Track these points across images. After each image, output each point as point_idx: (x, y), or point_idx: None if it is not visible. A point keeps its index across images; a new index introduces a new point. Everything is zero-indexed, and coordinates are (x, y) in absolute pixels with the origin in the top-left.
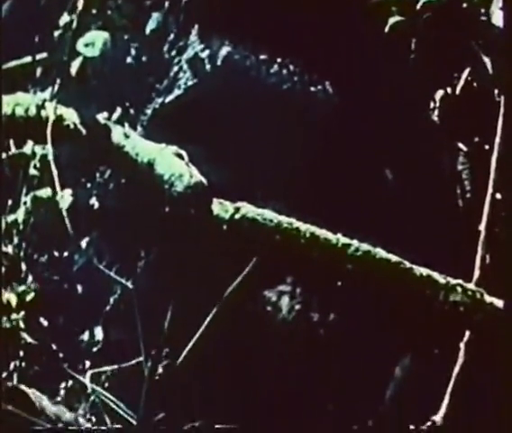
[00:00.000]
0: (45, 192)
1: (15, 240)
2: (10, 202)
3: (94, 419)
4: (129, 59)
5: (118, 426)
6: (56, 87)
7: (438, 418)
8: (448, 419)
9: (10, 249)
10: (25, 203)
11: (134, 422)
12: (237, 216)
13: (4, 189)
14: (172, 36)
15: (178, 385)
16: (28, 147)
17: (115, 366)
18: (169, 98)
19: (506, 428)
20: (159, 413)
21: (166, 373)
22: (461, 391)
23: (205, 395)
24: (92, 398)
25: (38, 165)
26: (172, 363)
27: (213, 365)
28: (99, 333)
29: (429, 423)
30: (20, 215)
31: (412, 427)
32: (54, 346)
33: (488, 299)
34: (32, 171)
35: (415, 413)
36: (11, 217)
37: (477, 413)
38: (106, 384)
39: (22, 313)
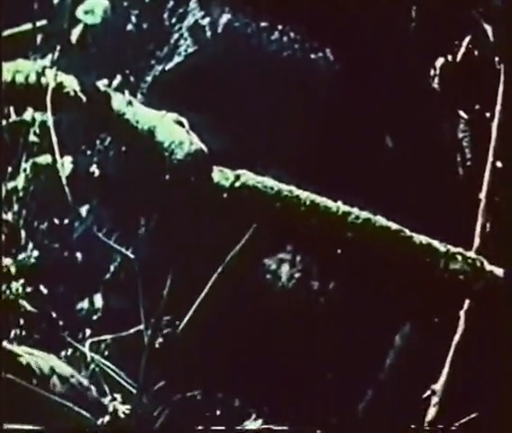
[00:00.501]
0: (45, 159)
1: (15, 207)
2: (10, 169)
3: (93, 387)
4: (129, 27)
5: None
6: (56, 55)
7: (438, 387)
8: (448, 388)
9: (10, 216)
10: (25, 170)
11: (134, 391)
12: (237, 184)
13: (3, 157)
14: (172, 3)
15: (179, 354)
16: (28, 114)
17: (115, 335)
18: (170, 66)
19: (505, 396)
20: (159, 382)
21: (166, 342)
22: (461, 359)
23: (205, 364)
24: (92, 366)
25: (38, 132)
26: (173, 332)
27: (213, 334)
28: (99, 301)
29: (429, 392)
30: (20, 182)
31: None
32: (54, 314)
33: (488, 267)
34: (32, 138)
35: (414, 382)
36: (11, 184)
37: (477, 382)
38: (106, 353)
39: (22, 281)
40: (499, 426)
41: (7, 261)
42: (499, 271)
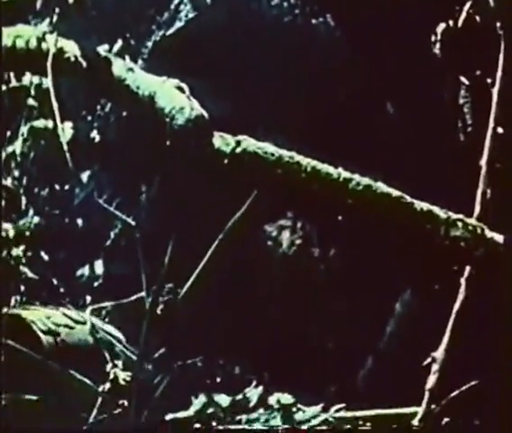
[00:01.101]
0: (42, 123)
1: (15, 173)
2: (8, 134)
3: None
4: None
5: None
6: (55, 18)
7: (438, 354)
8: (448, 356)
9: (9, 182)
10: (22, 134)
11: (135, 358)
12: (238, 150)
13: (3, 122)
14: None
15: (180, 321)
16: (28, 79)
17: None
18: (170, 31)
19: (506, 364)
20: (160, 349)
21: (167, 309)
22: (462, 327)
23: (206, 331)
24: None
25: (38, 97)
26: (174, 299)
27: (214, 301)
28: (100, 267)
29: (429, 359)
30: (17, 146)
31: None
32: (55, 281)
33: (488, 234)
34: (31, 103)
35: (415, 350)
36: (9, 149)
37: (477, 349)
38: (107, 320)
39: (23, 247)
40: (499, 393)
41: (7, 226)
42: (500, 238)
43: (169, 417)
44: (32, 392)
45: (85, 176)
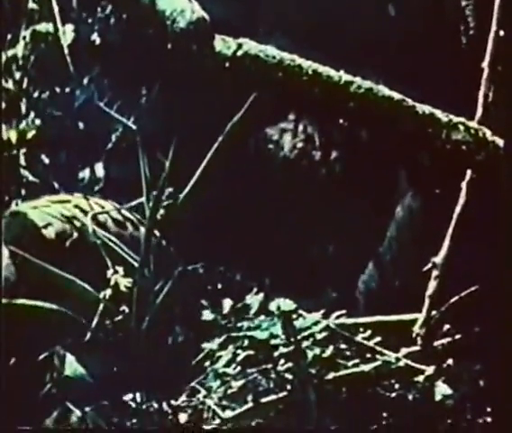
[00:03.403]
0: (44, 27)
1: (16, 76)
2: (9, 37)
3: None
4: None
5: None
6: None
7: (438, 259)
8: (448, 261)
9: (10, 84)
10: (24, 38)
11: (136, 264)
12: (239, 53)
13: (3, 25)
14: None
15: (180, 226)
16: None
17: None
18: None
19: (506, 269)
20: (161, 255)
21: (167, 214)
22: (462, 232)
23: (207, 236)
24: (93, 240)
25: (38, 0)
26: (174, 203)
27: (214, 205)
28: (100, 171)
29: (430, 265)
30: (19, 49)
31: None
32: (55, 185)
33: (490, 137)
34: (32, 5)
35: (415, 254)
36: (10, 52)
37: (477, 254)
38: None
39: (23, 150)
40: (500, 299)
41: (8, 130)
42: (501, 142)
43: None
44: (31, 298)
45: (85, 79)
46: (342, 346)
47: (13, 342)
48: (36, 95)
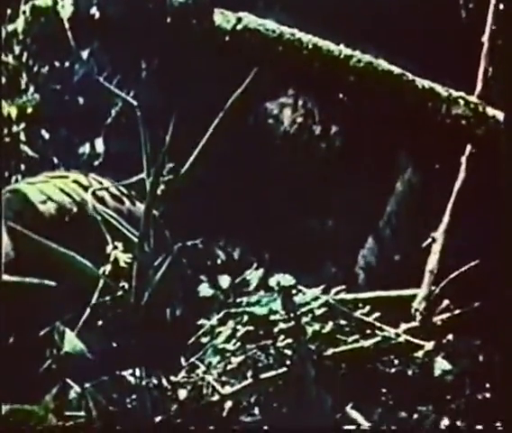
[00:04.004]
0: (44, 1)
1: (16, 50)
2: (9, 11)
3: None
4: None
5: None
6: None
7: (438, 234)
8: (448, 236)
9: (10, 59)
10: (24, 12)
11: (136, 239)
12: (239, 27)
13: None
14: None
15: (180, 200)
16: None
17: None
18: None
19: (506, 243)
20: (161, 231)
21: (168, 189)
22: (462, 206)
23: (207, 211)
24: (93, 215)
25: None
26: (174, 179)
27: (214, 180)
28: (100, 145)
29: (429, 240)
30: (19, 24)
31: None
32: (55, 159)
33: (490, 112)
34: None
35: (415, 229)
36: (10, 27)
37: (477, 229)
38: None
39: (23, 125)
40: (499, 273)
41: (8, 105)
42: (501, 116)
43: None
44: (31, 275)
45: (85, 53)
46: (342, 322)
47: (12, 318)
48: (36, 69)
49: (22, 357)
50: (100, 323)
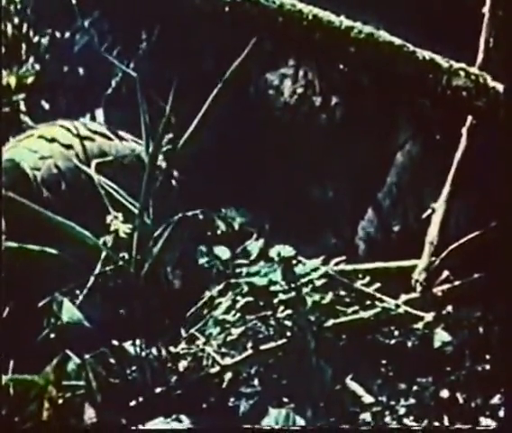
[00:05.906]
0: None
1: (15, 20)
2: None
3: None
4: None
5: None
6: None
7: (438, 205)
8: (448, 207)
9: (9, 29)
10: None
11: (136, 211)
12: None
13: None
14: None
15: (180, 170)
16: None
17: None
18: None
19: (506, 213)
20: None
21: (167, 159)
22: (462, 178)
23: (206, 181)
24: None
25: None
26: (173, 149)
27: (214, 150)
28: (100, 116)
29: (429, 211)
30: None
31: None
32: None
33: (491, 83)
34: None
35: (415, 200)
36: None
37: (478, 200)
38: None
39: (23, 95)
40: (499, 245)
41: (8, 75)
42: (501, 88)
43: None
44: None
45: (85, 23)
46: (342, 293)
47: (12, 287)
48: (36, 40)
49: (21, 327)
50: (100, 293)
